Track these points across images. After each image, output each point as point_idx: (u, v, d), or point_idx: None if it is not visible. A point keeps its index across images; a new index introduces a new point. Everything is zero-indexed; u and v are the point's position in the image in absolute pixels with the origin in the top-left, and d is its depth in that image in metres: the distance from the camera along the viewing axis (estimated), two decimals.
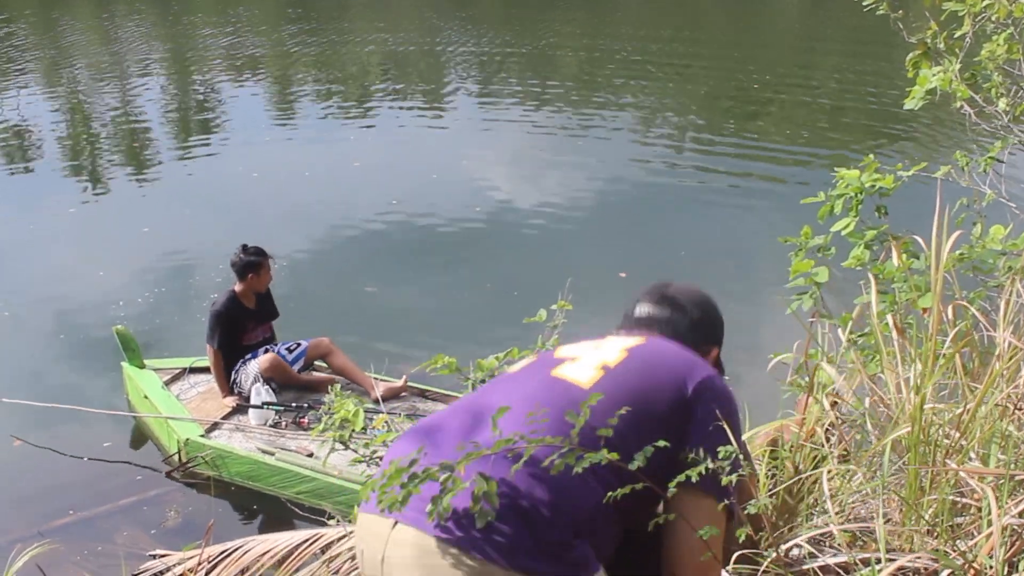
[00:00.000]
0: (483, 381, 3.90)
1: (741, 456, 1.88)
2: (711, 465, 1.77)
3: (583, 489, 1.72)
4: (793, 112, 13.50)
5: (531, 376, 1.97)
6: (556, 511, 1.68)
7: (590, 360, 1.94)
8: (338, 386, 4.13)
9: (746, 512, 2.11)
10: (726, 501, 1.84)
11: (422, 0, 23.79)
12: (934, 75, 3.78)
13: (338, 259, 8.58)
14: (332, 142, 12.34)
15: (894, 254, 3.41)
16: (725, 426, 1.88)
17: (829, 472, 3.03)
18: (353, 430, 3.82)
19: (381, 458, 3.95)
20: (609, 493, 1.70)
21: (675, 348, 2.02)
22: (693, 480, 1.74)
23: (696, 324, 2.13)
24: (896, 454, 2.85)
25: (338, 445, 3.95)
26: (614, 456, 1.68)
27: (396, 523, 1.72)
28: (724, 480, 1.80)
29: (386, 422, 4.49)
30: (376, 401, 5.42)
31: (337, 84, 15.74)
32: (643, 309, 2.14)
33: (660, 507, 1.86)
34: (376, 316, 7.43)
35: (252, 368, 5.90)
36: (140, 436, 6.11)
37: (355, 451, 3.93)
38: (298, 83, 15.95)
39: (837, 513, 2.86)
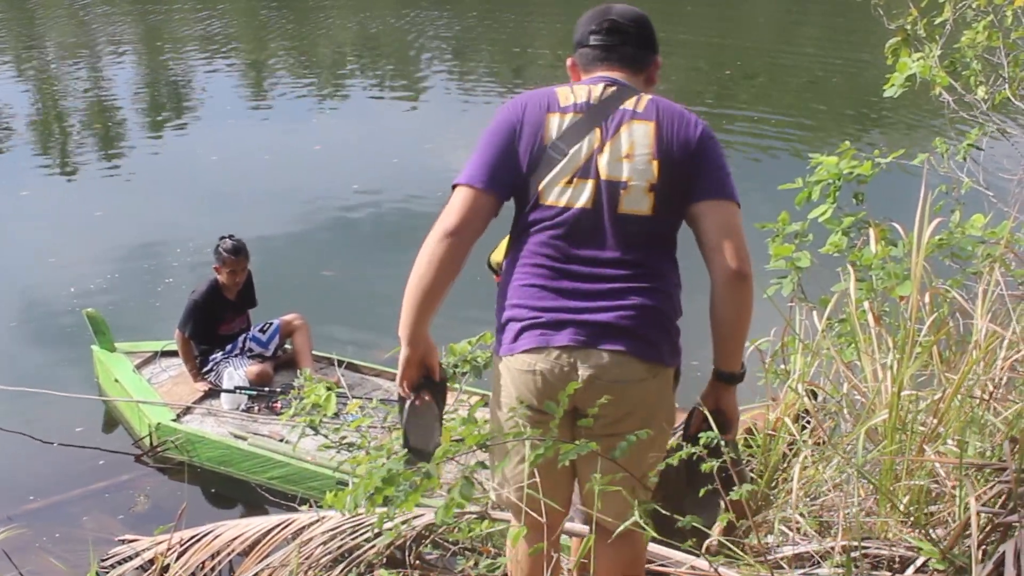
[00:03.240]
0: (455, 367, 3.89)
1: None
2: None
3: None
4: (767, 97, 13.47)
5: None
6: None
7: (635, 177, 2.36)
8: (308, 370, 4.09)
9: (729, 498, 2.11)
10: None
11: None
12: (914, 62, 3.76)
13: (296, 243, 8.45)
14: (295, 125, 12.11)
15: (872, 241, 3.40)
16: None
17: (804, 460, 3.02)
18: (324, 415, 3.78)
19: (351, 444, 3.92)
20: None
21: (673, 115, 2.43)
22: (729, 194, 2.37)
23: (645, 41, 2.55)
24: (871, 441, 2.84)
25: (308, 430, 3.92)
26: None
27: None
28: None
29: (360, 407, 4.45)
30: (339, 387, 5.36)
31: (303, 66, 15.50)
32: (603, 49, 2.49)
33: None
34: (336, 300, 7.31)
35: (237, 374, 5.79)
36: (111, 420, 6.02)
37: (325, 436, 3.89)
38: (263, 65, 15.70)
39: (811, 500, 2.85)
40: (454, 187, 2.40)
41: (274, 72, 15.30)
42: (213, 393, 5.83)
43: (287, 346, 6.17)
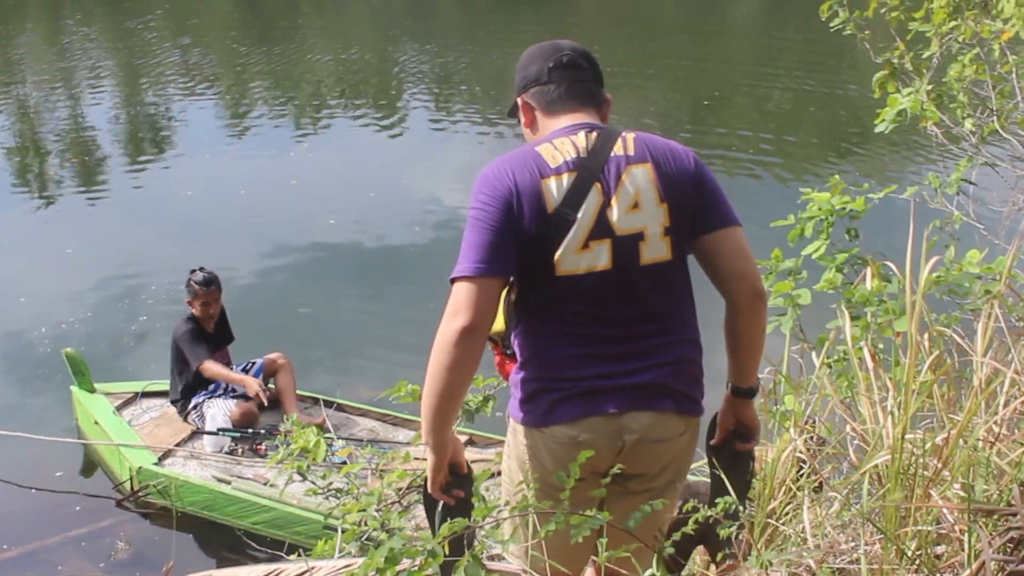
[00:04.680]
0: None
1: None
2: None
3: None
4: (746, 127, 13.48)
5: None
6: None
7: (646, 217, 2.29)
8: (295, 414, 4.00)
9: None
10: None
11: (376, 17, 23.59)
12: (904, 96, 3.74)
13: (273, 279, 8.31)
14: (271, 158, 11.94)
15: (868, 277, 3.36)
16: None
17: (805, 503, 2.95)
18: (312, 461, 3.70)
19: (339, 490, 3.83)
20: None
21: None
22: (735, 219, 2.36)
23: (599, 78, 2.46)
24: (873, 484, 2.78)
25: (296, 476, 3.83)
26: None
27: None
28: None
29: (351, 454, 4.37)
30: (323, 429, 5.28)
31: (279, 99, 15.29)
32: (567, 86, 2.38)
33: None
34: (315, 338, 7.21)
35: (220, 415, 5.68)
36: (91, 464, 5.89)
37: (313, 482, 3.81)
38: (239, 97, 15.47)
39: (816, 547, 2.78)
40: (454, 280, 2.20)
41: (250, 105, 15.16)
42: (196, 435, 5.72)
43: (271, 385, 6.07)
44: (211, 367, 5.73)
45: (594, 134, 2.30)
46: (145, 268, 8.37)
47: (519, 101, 2.44)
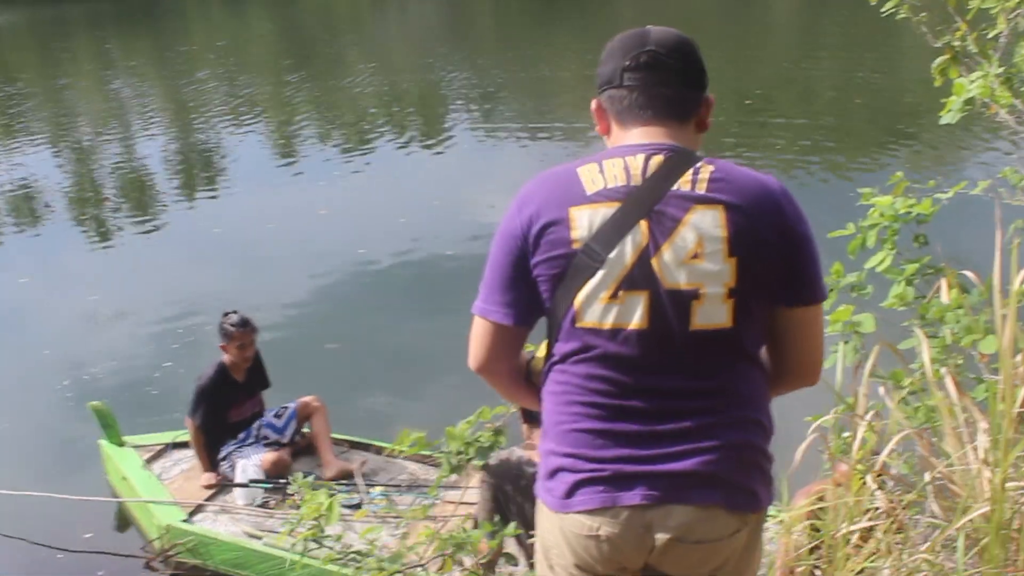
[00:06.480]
0: (460, 452, 3.56)
1: None
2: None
3: None
4: (793, 125, 13.07)
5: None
6: None
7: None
8: (299, 474, 3.68)
9: None
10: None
11: (410, 39, 23.49)
12: (972, 82, 3.31)
13: (303, 316, 8.05)
14: (299, 190, 11.75)
15: (943, 290, 2.94)
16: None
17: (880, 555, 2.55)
18: (327, 523, 3.37)
19: (359, 553, 3.49)
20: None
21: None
22: (822, 293, 1.98)
23: (693, 79, 1.99)
24: (968, 537, 2.38)
25: (311, 543, 3.50)
26: None
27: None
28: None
29: (372, 513, 4.04)
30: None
31: (306, 130, 15.16)
32: (642, 92, 1.95)
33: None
34: (346, 375, 6.91)
35: (251, 465, 5.39)
36: (121, 522, 5.63)
37: (330, 548, 3.48)
38: (268, 131, 15.43)
39: None
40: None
41: (277, 136, 15.05)
42: (227, 487, 5.43)
43: (305, 430, 5.77)
44: (193, 433, 5.48)
45: (659, 158, 1.88)
46: (169, 313, 8.17)
47: (593, 104, 2.04)
